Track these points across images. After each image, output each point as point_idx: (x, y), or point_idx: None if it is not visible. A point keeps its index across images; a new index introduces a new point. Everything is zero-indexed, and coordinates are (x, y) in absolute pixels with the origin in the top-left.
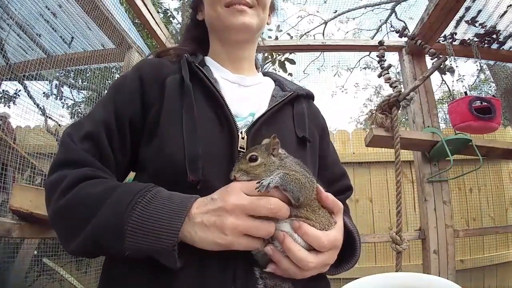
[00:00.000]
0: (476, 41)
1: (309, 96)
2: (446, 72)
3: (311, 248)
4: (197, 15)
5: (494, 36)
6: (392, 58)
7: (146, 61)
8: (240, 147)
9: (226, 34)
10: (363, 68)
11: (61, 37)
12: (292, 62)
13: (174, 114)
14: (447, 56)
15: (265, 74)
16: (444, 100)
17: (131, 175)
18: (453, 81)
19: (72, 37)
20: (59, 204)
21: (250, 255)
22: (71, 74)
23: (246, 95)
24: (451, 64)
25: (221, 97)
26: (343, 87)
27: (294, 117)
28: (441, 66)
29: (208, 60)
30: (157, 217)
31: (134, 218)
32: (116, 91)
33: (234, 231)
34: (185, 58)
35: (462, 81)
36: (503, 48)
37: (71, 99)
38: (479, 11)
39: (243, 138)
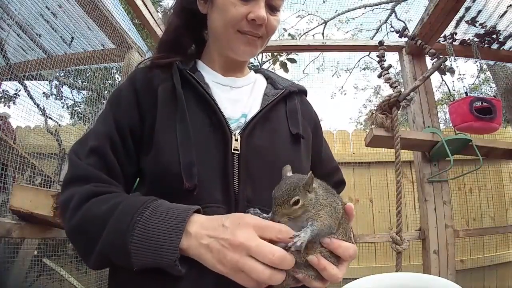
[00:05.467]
0: (476, 41)
1: (302, 92)
2: (446, 73)
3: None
4: (199, 2)
5: (494, 36)
6: (392, 58)
7: (138, 72)
8: (234, 149)
9: (228, 52)
10: (363, 69)
11: (61, 37)
12: (293, 61)
13: (168, 123)
14: (447, 57)
15: (257, 71)
16: (444, 101)
17: None
18: (453, 82)
19: (72, 37)
20: (71, 224)
21: None
22: (71, 74)
23: (237, 96)
24: (451, 65)
25: (214, 101)
26: (342, 87)
27: (287, 114)
28: (441, 66)
29: (200, 64)
30: (156, 235)
31: (135, 238)
32: (113, 105)
33: (232, 266)
34: (176, 66)
35: (462, 81)
36: (503, 48)
37: (71, 99)
38: (479, 11)
39: (236, 140)
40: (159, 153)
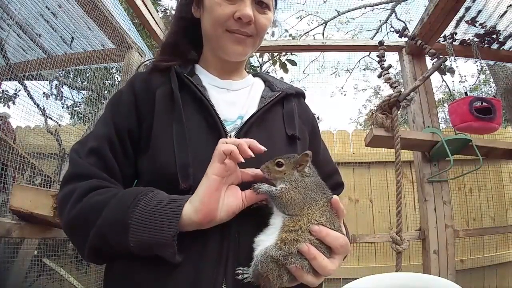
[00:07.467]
0: (476, 41)
1: (299, 94)
2: (446, 73)
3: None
4: (193, 8)
5: (494, 36)
6: (392, 58)
7: (138, 76)
8: None
9: (219, 53)
10: (363, 69)
11: (61, 37)
12: (293, 63)
13: (165, 125)
14: (447, 57)
15: (255, 75)
16: (444, 100)
17: None
18: (453, 82)
19: (72, 37)
20: (71, 215)
21: (241, 255)
22: (71, 74)
23: (234, 99)
24: (451, 65)
25: (210, 104)
26: (342, 88)
27: (284, 116)
28: (441, 66)
29: (198, 68)
30: (158, 212)
31: (137, 214)
32: (113, 107)
33: (213, 162)
34: (174, 70)
35: (464, 82)
36: (503, 48)
37: (71, 99)
38: (479, 11)
39: None
40: (156, 154)
